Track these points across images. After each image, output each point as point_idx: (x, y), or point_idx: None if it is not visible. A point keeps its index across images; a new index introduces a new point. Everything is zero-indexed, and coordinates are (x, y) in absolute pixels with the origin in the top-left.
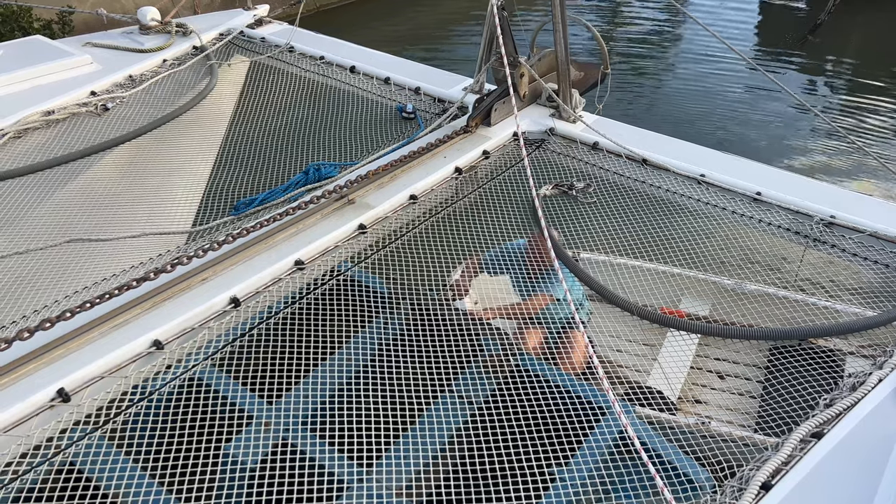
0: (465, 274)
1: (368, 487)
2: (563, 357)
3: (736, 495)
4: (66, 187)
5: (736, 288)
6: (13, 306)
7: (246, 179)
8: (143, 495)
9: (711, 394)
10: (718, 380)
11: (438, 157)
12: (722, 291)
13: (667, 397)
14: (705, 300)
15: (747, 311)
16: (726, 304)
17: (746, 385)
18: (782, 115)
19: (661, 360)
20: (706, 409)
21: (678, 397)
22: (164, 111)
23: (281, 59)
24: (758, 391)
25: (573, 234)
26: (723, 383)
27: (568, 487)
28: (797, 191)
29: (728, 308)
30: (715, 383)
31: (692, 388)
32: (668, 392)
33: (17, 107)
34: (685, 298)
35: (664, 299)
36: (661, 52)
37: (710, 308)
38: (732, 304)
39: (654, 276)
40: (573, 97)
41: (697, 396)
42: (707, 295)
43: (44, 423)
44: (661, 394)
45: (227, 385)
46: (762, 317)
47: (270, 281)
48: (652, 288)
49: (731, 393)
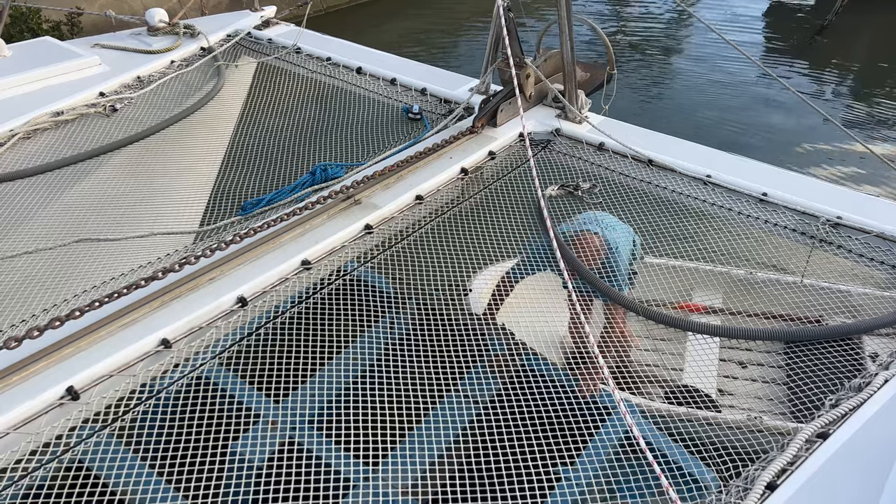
0: (497, 288)
1: (375, 486)
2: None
3: (741, 495)
4: (75, 187)
5: (748, 277)
6: (23, 305)
7: (253, 180)
8: (150, 493)
9: (738, 384)
10: (740, 369)
11: (444, 157)
12: (734, 280)
13: (706, 394)
14: (717, 290)
15: (761, 300)
16: (739, 294)
17: (770, 372)
18: (789, 116)
19: (688, 357)
20: (735, 400)
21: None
22: (171, 112)
23: (288, 61)
24: (781, 377)
25: None
26: (745, 372)
27: (573, 487)
28: (803, 191)
29: (741, 297)
30: (737, 372)
31: (722, 381)
32: (706, 388)
33: (27, 107)
34: (697, 289)
35: (677, 293)
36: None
37: (722, 298)
38: (745, 293)
39: (664, 270)
40: (579, 98)
41: (726, 388)
42: (719, 284)
43: (53, 421)
44: (698, 391)
45: (235, 384)
46: (776, 304)
47: (277, 280)
48: (663, 283)
49: (757, 381)
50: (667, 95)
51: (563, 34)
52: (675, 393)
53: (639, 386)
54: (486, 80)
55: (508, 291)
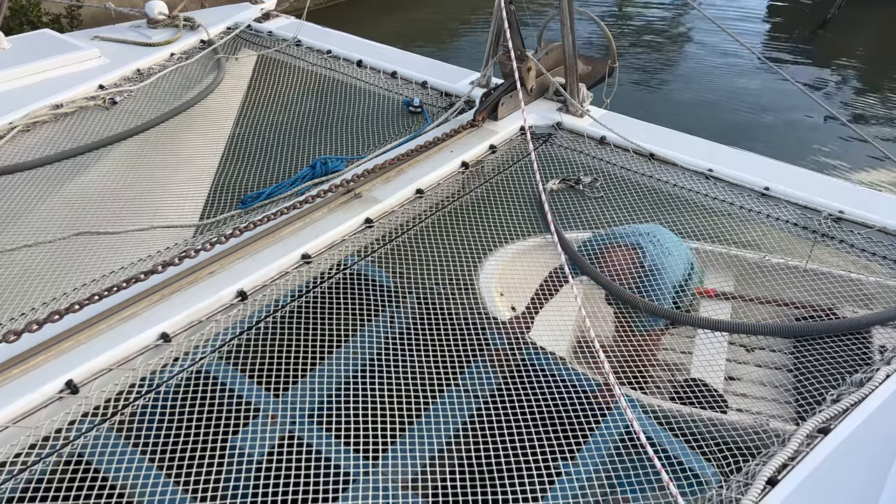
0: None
1: (375, 481)
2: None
3: (742, 490)
4: (75, 181)
5: (761, 261)
6: (22, 299)
7: (253, 173)
8: (150, 486)
9: (744, 375)
10: (746, 354)
11: (445, 151)
12: (746, 264)
13: (714, 390)
14: (728, 275)
15: (772, 286)
16: (750, 279)
17: (775, 359)
18: (791, 109)
19: (696, 351)
20: (742, 386)
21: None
22: (171, 105)
23: (288, 53)
24: (787, 368)
25: (580, 228)
26: (751, 356)
27: (574, 482)
28: (806, 186)
29: (752, 283)
30: (743, 357)
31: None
32: (714, 384)
33: (26, 100)
34: (708, 274)
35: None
36: (669, 46)
37: (734, 283)
38: (757, 278)
39: None
40: (580, 91)
41: (732, 379)
42: (731, 268)
43: (52, 415)
44: (706, 386)
45: (234, 378)
46: (788, 289)
47: (277, 274)
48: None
49: (762, 368)
50: (669, 89)
51: (564, 27)
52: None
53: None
54: (487, 74)
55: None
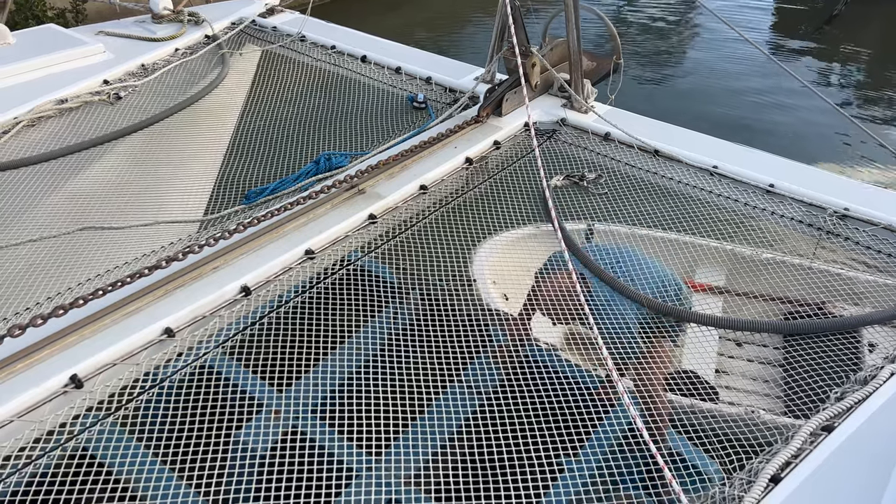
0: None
1: (377, 475)
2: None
3: (745, 488)
4: (79, 176)
5: (753, 256)
6: (27, 293)
7: (257, 169)
8: (154, 481)
9: (736, 367)
10: (737, 347)
11: (449, 147)
12: (738, 259)
13: (706, 382)
14: (720, 269)
15: (764, 281)
16: (743, 273)
17: (765, 353)
18: (796, 106)
19: (687, 345)
20: (732, 380)
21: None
22: (176, 100)
23: (292, 49)
24: (779, 361)
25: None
26: (742, 351)
27: (576, 478)
28: (810, 183)
29: (745, 278)
30: (733, 351)
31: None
32: (706, 376)
33: (31, 95)
34: (700, 268)
35: (679, 271)
36: (674, 42)
37: (725, 277)
38: (749, 274)
39: (666, 245)
40: (585, 87)
41: (723, 373)
42: (723, 263)
43: (57, 409)
44: (698, 377)
45: (238, 373)
46: (779, 286)
47: (281, 270)
48: (665, 259)
49: (754, 363)
50: (673, 85)
51: (569, 23)
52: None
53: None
54: (491, 69)
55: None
